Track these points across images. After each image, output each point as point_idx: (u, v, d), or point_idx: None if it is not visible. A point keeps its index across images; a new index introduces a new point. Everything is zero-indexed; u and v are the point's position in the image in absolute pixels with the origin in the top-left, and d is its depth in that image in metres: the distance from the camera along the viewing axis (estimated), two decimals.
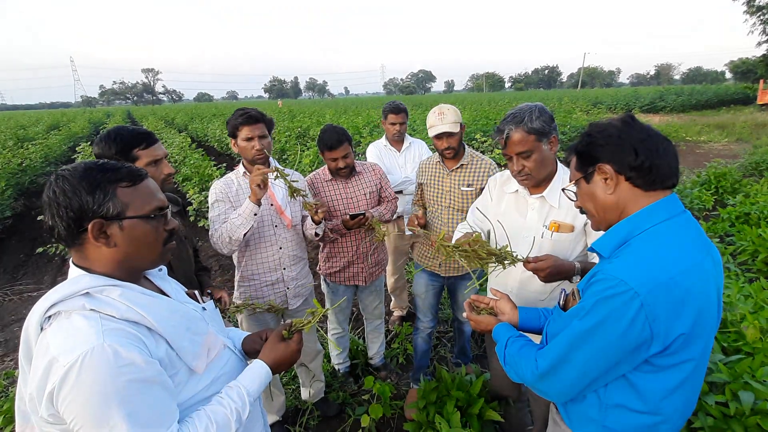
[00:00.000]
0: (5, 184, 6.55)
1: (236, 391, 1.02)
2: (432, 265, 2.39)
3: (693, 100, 23.85)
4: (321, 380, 2.53)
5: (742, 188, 5.69)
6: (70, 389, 0.77)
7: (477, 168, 2.20)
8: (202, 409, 0.96)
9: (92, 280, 0.87)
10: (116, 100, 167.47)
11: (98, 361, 0.78)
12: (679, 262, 0.91)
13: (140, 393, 0.82)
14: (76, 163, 0.91)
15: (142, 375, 0.82)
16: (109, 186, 0.89)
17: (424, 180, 2.38)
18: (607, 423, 1.04)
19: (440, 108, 2.18)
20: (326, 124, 2.28)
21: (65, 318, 0.83)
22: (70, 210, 0.87)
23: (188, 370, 0.95)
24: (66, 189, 0.87)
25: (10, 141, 11.77)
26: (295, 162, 7.24)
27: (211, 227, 1.96)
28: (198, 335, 0.98)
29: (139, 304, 0.89)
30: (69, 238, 0.90)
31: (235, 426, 0.98)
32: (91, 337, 0.79)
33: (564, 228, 1.60)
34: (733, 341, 2.03)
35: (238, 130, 1.93)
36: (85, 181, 0.88)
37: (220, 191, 1.97)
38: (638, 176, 0.98)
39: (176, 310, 0.97)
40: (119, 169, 0.92)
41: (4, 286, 4.67)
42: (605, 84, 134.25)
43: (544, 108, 1.56)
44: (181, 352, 0.93)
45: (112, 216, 0.89)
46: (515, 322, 1.31)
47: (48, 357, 0.79)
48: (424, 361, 2.65)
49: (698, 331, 0.92)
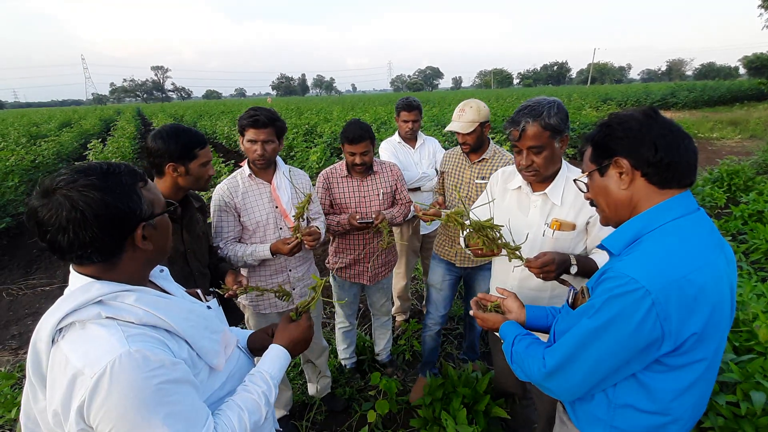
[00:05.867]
0: (19, 181, 6.65)
1: (259, 376, 1.04)
2: (449, 255, 2.40)
3: (705, 96, 23.46)
4: (327, 376, 2.54)
5: (755, 186, 5.58)
6: (103, 400, 0.75)
7: (497, 163, 2.23)
8: (230, 400, 0.97)
9: (103, 286, 0.83)
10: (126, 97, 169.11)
11: (129, 368, 0.76)
12: (691, 260, 0.88)
13: (175, 394, 0.81)
14: (72, 172, 0.82)
15: (174, 376, 0.81)
16: (135, 188, 0.87)
17: (447, 168, 2.41)
18: (616, 423, 1.02)
19: (463, 105, 2.20)
20: (352, 118, 2.27)
21: (80, 329, 0.80)
22: (116, 220, 0.82)
23: (208, 369, 0.96)
24: (106, 199, 0.80)
25: (24, 138, 11.93)
26: (303, 159, 7.26)
27: (216, 237, 1.97)
28: (215, 333, 0.98)
29: (157, 308, 0.87)
30: (108, 251, 0.84)
31: (265, 409, 0.99)
32: (115, 345, 0.77)
33: (565, 226, 1.58)
34: (744, 340, 2.00)
35: (245, 131, 1.92)
36: (118, 186, 0.83)
37: (224, 198, 1.95)
38: (655, 173, 0.95)
39: (192, 310, 0.96)
40: (127, 170, 0.88)
41: (17, 281, 4.76)
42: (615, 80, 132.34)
43: (562, 104, 1.53)
44: (202, 352, 0.93)
45: (149, 216, 0.88)
46: (522, 320, 1.30)
47: (71, 371, 0.76)
48: (432, 357, 2.66)
49: (711, 330, 0.90)
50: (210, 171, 1.72)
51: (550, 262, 1.41)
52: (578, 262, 1.47)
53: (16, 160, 7.45)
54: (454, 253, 2.38)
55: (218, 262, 1.95)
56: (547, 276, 1.43)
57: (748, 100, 23.94)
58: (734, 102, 23.38)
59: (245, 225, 1.99)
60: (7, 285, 4.66)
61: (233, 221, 1.98)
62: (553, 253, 1.45)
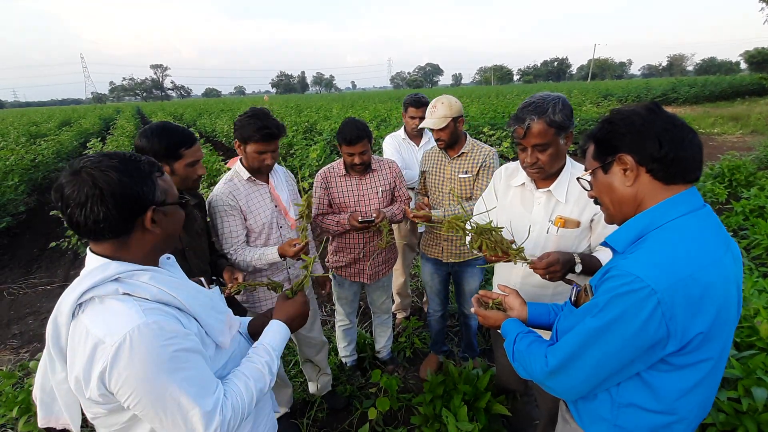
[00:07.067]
0: (19, 180, 6.65)
1: (261, 348, 1.12)
2: (435, 253, 2.48)
3: (706, 91, 23.35)
4: (328, 374, 2.54)
5: (756, 181, 5.57)
6: (124, 367, 0.81)
7: (476, 156, 2.27)
8: (236, 370, 1.05)
9: (120, 266, 0.89)
10: (126, 96, 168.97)
11: (147, 336, 0.82)
12: (698, 258, 0.86)
13: (188, 361, 0.88)
14: (99, 156, 0.90)
15: (186, 345, 0.88)
16: (152, 175, 0.94)
17: (427, 168, 2.45)
18: (619, 422, 1.01)
19: (435, 101, 2.25)
20: (348, 117, 2.25)
21: (99, 303, 0.86)
22: (129, 200, 0.88)
23: (215, 345, 1.02)
24: (124, 180, 0.87)
25: (23, 137, 11.92)
26: (303, 156, 7.25)
27: (225, 244, 1.92)
28: (221, 313, 1.06)
29: (170, 286, 0.93)
30: (118, 228, 0.90)
31: (269, 377, 1.07)
32: (133, 317, 0.83)
33: (569, 223, 1.56)
34: (746, 336, 2.00)
35: (252, 142, 1.85)
36: (136, 171, 0.90)
37: (228, 203, 1.89)
38: (660, 168, 0.93)
39: (200, 290, 1.03)
40: (150, 161, 0.97)
41: (18, 280, 4.76)
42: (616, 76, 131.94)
43: (567, 100, 1.51)
44: (209, 329, 1.00)
45: (160, 202, 0.94)
46: (524, 317, 1.29)
47: (92, 340, 0.82)
48: (440, 336, 2.83)
49: (717, 329, 0.88)
50: (199, 171, 1.68)
51: (555, 263, 1.40)
52: (582, 261, 1.46)
53: (15, 159, 7.45)
54: (439, 250, 2.45)
55: (216, 258, 1.94)
56: (553, 276, 1.42)
57: (750, 95, 23.82)
58: (735, 97, 23.27)
59: (251, 228, 1.96)
60: (7, 284, 4.66)
61: (241, 225, 1.93)
62: (558, 253, 1.43)
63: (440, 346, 2.85)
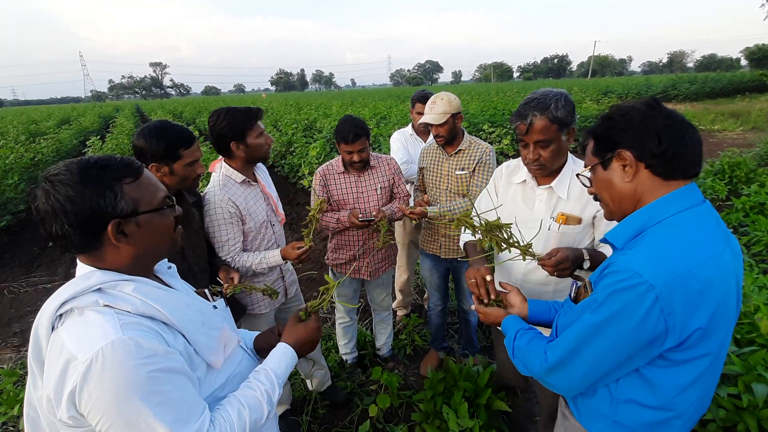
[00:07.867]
0: (18, 178, 6.64)
1: (264, 374, 1.02)
2: (433, 248, 2.50)
3: (707, 88, 23.32)
4: (323, 367, 2.51)
5: (756, 178, 5.56)
6: (93, 387, 0.74)
7: (473, 153, 2.28)
8: (232, 395, 0.96)
9: (103, 275, 0.84)
10: (125, 94, 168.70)
11: (120, 354, 0.75)
12: (697, 253, 0.86)
13: (167, 383, 0.80)
14: (65, 164, 0.83)
15: (167, 365, 0.80)
16: (115, 184, 0.85)
17: (425, 165, 2.46)
18: (618, 418, 1.01)
19: (434, 97, 2.26)
20: (345, 114, 2.23)
21: (78, 315, 0.80)
22: (82, 216, 0.81)
23: (206, 366, 0.94)
24: (71, 195, 0.80)
25: (23, 136, 11.92)
26: (303, 154, 7.24)
27: (222, 251, 1.88)
28: (214, 330, 0.96)
29: (154, 299, 0.86)
30: (85, 244, 0.84)
31: (267, 408, 0.97)
32: (109, 331, 0.76)
33: (571, 220, 1.56)
34: (746, 333, 2.00)
35: (250, 130, 1.84)
36: (90, 182, 0.82)
37: (229, 210, 1.84)
38: (660, 164, 0.93)
39: (190, 304, 0.95)
40: (116, 165, 0.87)
41: (19, 278, 4.77)
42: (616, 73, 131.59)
43: (569, 96, 1.50)
44: (198, 346, 0.91)
45: (127, 214, 0.86)
46: (525, 315, 1.29)
47: (65, 356, 0.76)
48: (440, 332, 2.83)
49: (716, 325, 0.88)
50: (198, 170, 1.66)
51: (565, 260, 1.38)
52: (591, 257, 1.45)
53: (15, 157, 7.45)
54: (438, 246, 2.47)
55: (212, 257, 1.93)
56: (562, 273, 1.40)
57: (750, 91, 23.77)
58: (736, 94, 23.21)
59: (249, 229, 1.93)
60: (8, 283, 4.67)
61: (239, 231, 1.91)
62: (567, 250, 1.41)
63: (440, 342, 2.85)
